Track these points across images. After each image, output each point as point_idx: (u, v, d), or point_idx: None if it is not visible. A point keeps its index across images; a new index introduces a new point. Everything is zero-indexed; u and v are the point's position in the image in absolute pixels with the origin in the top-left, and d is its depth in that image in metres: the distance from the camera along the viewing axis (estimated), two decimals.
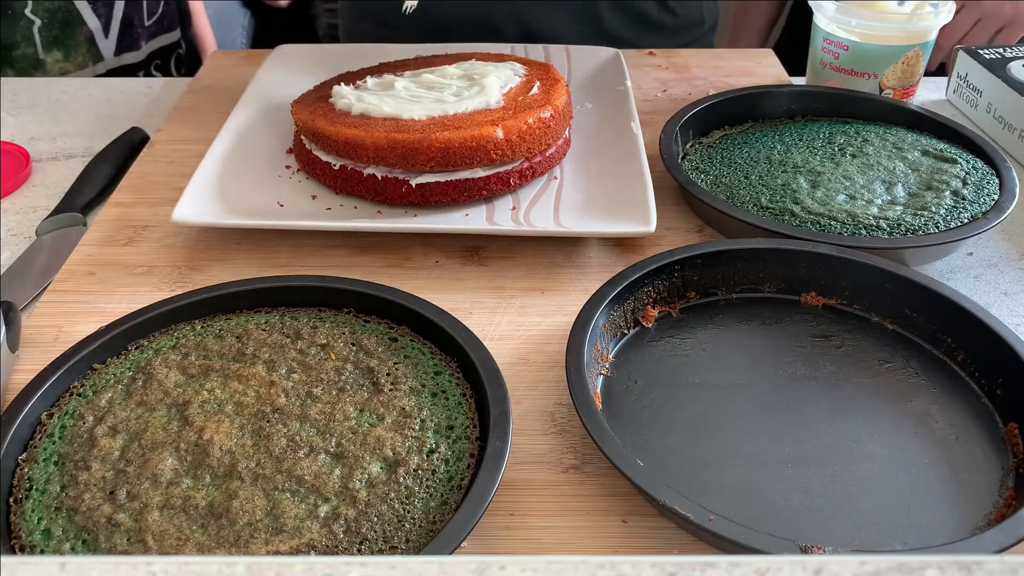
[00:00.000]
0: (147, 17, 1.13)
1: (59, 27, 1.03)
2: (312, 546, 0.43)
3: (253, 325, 0.56)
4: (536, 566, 0.24)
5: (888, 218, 0.66)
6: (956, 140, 0.77)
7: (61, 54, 1.04)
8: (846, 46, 0.84)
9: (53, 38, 1.03)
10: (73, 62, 1.06)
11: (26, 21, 1.01)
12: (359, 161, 0.69)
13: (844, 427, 0.52)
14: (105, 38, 1.07)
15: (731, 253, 0.61)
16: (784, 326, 0.59)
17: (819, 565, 0.24)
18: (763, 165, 0.74)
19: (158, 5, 1.15)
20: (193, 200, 0.67)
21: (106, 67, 1.09)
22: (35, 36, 1.02)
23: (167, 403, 0.50)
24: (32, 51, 1.03)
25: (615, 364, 0.56)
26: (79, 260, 0.67)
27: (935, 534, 0.46)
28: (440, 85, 0.74)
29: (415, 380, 0.52)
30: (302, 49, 0.93)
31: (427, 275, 0.66)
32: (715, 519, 0.42)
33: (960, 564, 0.24)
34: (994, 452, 0.50)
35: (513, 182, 0.70)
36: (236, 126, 0.78)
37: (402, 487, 0.46)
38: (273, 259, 0.67)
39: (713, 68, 0.98)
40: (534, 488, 0.49)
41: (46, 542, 0.44)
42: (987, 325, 0.54)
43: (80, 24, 1.04)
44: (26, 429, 0.49)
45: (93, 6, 1.05)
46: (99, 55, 1.07)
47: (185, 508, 0.45)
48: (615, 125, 0.79)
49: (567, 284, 0.65)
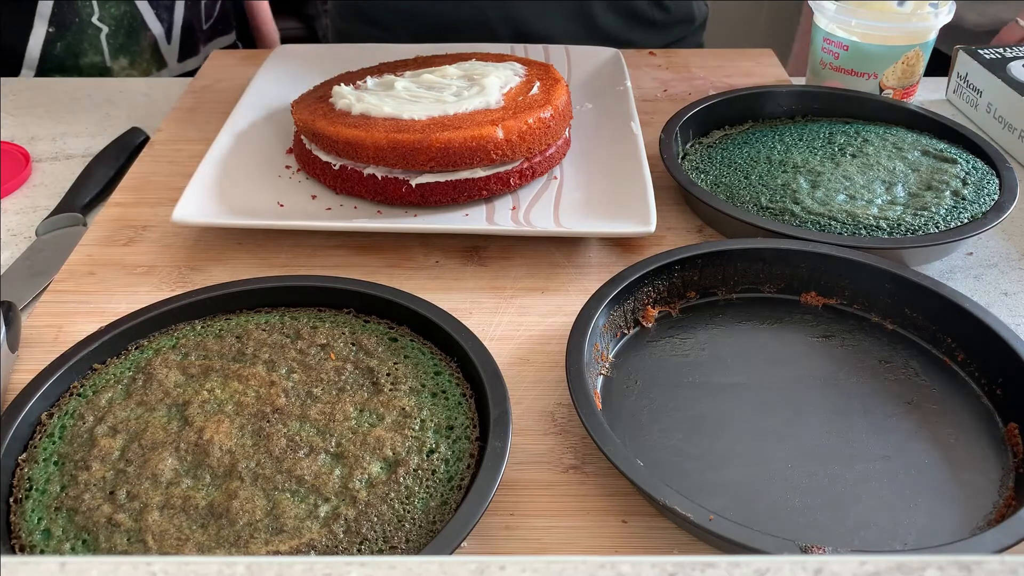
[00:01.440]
0: (204, 20, 1.12)
1: (125, 34, 1.03)
2: (312, 546, 0.43)
3: (253, 325, 0.56)
4: (536, 566, 0.24)
5: (888, 218, 0.66)
6: (956, 140, 0.77)
7: (127, 61, 1.04)
8: (846, 46, 0.84)
9: (120, 45, 1.03)
10: (138, 68, 1.05)
11: (94, 29, 1.01)
12: (359, 161, 0.69)
13: (844, 427, 0.52)
14: (168, 44, 1.07)
15: (731, 253, 0.61)
16: (784, 326, 0.59)
17: (819, 565, 0.24)
18: (763, 165, 0.74)
19: (215, 6, 1.14)
20: (193, 200, 0.67)
21: (170, 73, 1.08)
22: (103, 44, 1.01)
23: (167, 403, 0.50)
24: (100, 59, 1.02)
25: (615, 364, 0.56)
26: (79, 260, 0.67)
27: (935, 534, 0.46)
28: (440, 85, 0.74)
29: (415, 380, 0.52)
30: (302, 49, 0.93)
31: (427, 275, 0.66)
32: (715, 519, 0.42)
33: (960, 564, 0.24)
34: (994, 452, 0.50)
35: (513, 182, 0.70)
36: (236, 126, 0.78)
37: (402, 487, 0.46)
38: (273, 259, 0.67)
39: (713, 68, 0.98)
40: (534, 488, 0.49)
41: (46, 542, 0.44)
42: (987, 325, 0.54)
43: (144, 30, 1.04)
44: (26, 429, 0.49)
45: (156, 11, 1.04)
46: (163, 61, 1.07)
47: (185, 508, 0.45)
48: (615, 125, 0.79)
49: (567, 284, 0.65)
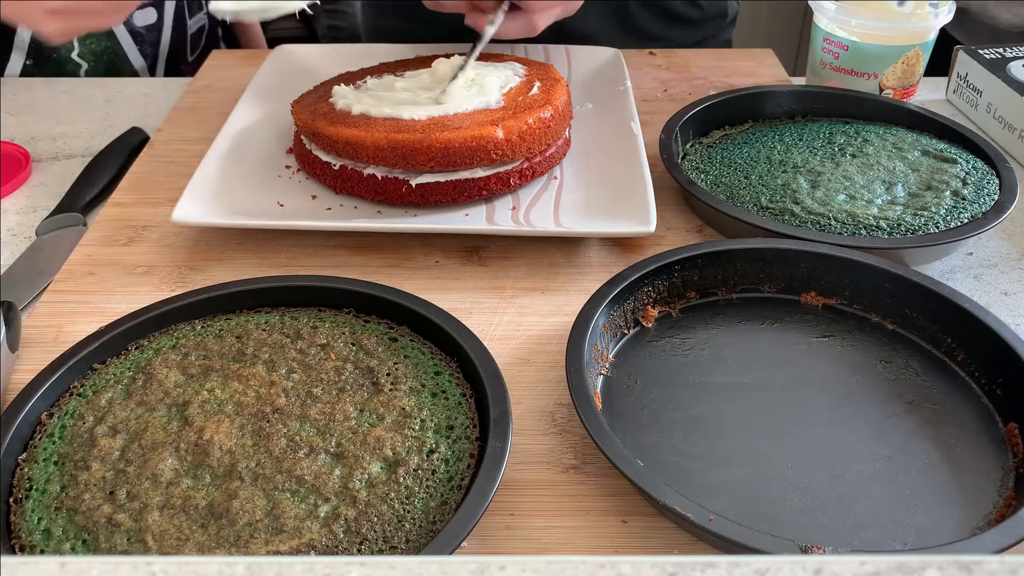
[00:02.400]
0: (191, 51, 1.11)
1: (104, 70, 1.02)
2: (312, 546, 0.43)
3: (253, 325, 0.56)
4: (536, 566, 0.24)
5: (888, 218, 0.66)
6: (956, 140, 0.77)
7: None
8: (846, 46, 0.84)
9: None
10: None
11: (73, 64, 1.00)
12: (359, 161, 0.69)
13: (844, 427, 0.52)
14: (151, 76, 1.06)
15: (731, 253, 0.61)
16: (784, 326, 0.59)
17: (819, 565, 0.24)
18: (763, 165, 0.74)
19: (201, 37, 1.13)
20: (193, 200, 0.67)
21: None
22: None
23: (167, 403, 0.50)
24: None
25: (615, 364, 0.56)
26: (79, 260, 0.67)
27: (935, 534, 0.46)
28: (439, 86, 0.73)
29: (415, 380, 0.52)
30: (302, 49, 0.93)
31: (427, 275, 0.66)
32: (715, 519, 0.42)
33: (960, 564, 0.24)
34: (994, 452, 0.50)
35: (513, 182, 0.70)
36: (236, 126, 0.78)
37: (402, 487, 0.46)
38: (273, 259, 0.67)
39: (713, 68, 0.98)
40: (534, 488, 0.49)
41: (46, 542, 0.44)
42: (987, 325, 0.54)
43: (126, 64, 1.03)
44: (26, 429, 0.49)
45: (140, 46, 1.03)
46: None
47: (185, 508, 0.45)
48: (615, 125, 0.79)
49: (567, 284, 0.65)
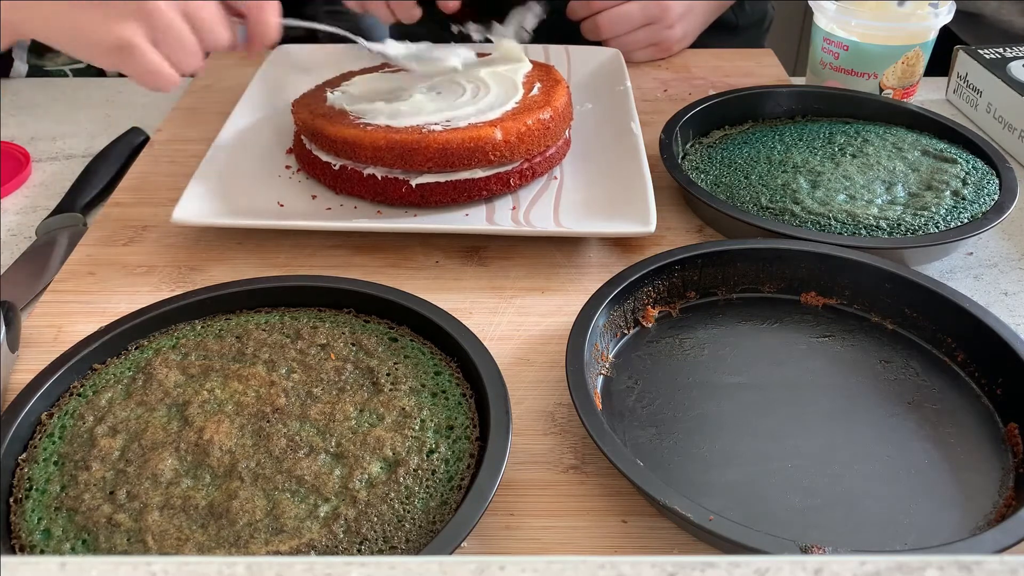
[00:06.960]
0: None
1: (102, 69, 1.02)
2: (312, 546, 0.43)
3: (253, 325, 0.56)
4: (536, 566, 0.24)
5: (888, 218, 0.66)
6: (956, 140, 0.77)
7: None
8: (846, 46, 0.84)
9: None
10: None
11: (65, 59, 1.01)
12: (359, 161, 0.69)
13: (844, 427, 0.52)
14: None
15: (731, 253, 0.61)
16: (784, 326, 0.59)
17: (819, 565, 0.24)
18: (763, 165, 0.74)
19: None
20: (193, 200, 0.67)
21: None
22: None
23: (167, 403, 0.50)
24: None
25: (615, 364, 0.56)
26: (79, 260, 0.67)
27: (935, 534, 0.46)
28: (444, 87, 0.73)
29: (415, 380, 0.52)
30: (302, 49, 0.93)
31: (427, 275, 0.66)
32: (715, 519, 0.42)
33: (960, 564, 0.24)
34: (994, 452, 0.50)
35: (513, 182, 0.70)
36: (236, 126, 0.78)
37: (402, 487, 0.46)
38: (273, 259, 0.67)
39: (713, 68, 0.98)
40: (534, 488, 0.49)
41: (46, 542, 0.44)
42: (987, 325, 0.54)
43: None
44: (26, 429, 0.49)
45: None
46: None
47: (185, 508, 0.45)
48: (615, 125, 0.79)
49: (567, 284, 0.65)
